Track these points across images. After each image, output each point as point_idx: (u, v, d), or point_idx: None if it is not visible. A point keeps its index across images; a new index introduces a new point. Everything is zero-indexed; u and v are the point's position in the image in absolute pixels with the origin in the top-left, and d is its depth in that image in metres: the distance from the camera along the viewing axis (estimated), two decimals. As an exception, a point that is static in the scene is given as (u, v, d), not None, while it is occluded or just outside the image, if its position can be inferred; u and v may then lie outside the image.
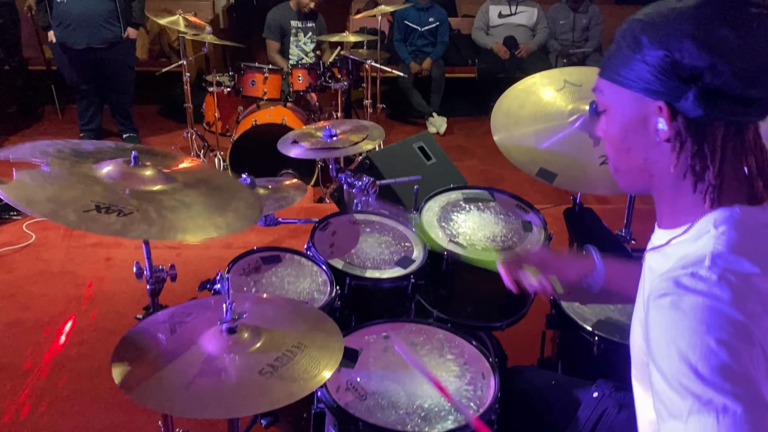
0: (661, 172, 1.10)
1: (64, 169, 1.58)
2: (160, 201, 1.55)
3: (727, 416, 0.88)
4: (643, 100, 1.05)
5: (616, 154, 1.15)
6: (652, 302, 0.99)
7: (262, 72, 4.93)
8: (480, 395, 1.69)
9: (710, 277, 0.94)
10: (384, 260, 2.10)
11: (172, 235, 1.46)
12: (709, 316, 0.92)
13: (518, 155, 2.28)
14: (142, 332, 1.55)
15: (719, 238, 1.01)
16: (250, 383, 1.34)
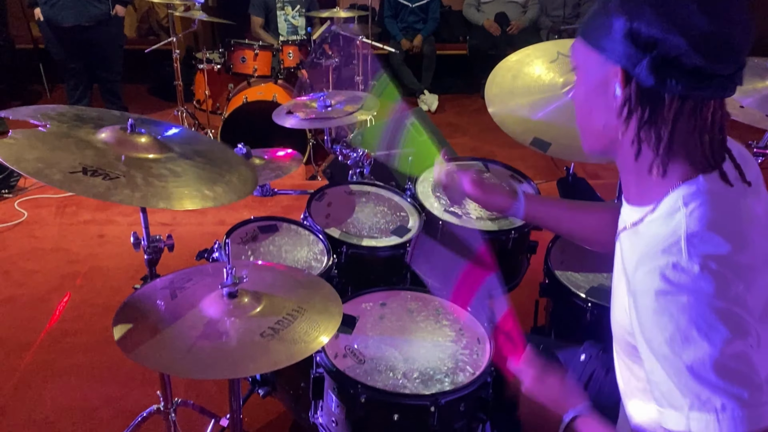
0: (618, 141, 1.11)
1: (62, 131, 1.57)
2: (150, 168, 1.55)
3: (726, 414, 0.92)
4: (606, 63, 1.06)
5: (580, 114, 1.17)
6: (640, 297, 1.01)
7: (252, 49, 4.90)
8: (476, 359, 1.72)
9: (692, 269, 0.96)
10: (380, 229, 2.12)
11: (154, 203, 1.45)
12: (701, 314, 0.94)
13: (512, 126, 2.29)
14: (142, 298, 1.56)
15: (691, 216, 1.02)
16: (251, 345, 1.35)
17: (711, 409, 0.93)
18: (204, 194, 1.54)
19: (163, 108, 5.90)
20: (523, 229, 2.18)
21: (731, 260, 0.97)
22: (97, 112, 1.76)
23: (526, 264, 2.36)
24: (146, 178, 1.51)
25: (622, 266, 1.15)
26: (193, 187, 1.56)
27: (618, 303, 1.17)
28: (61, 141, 1.53)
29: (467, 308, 1.83)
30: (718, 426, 0.92)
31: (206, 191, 1.55)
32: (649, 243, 1.04)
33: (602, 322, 1.98)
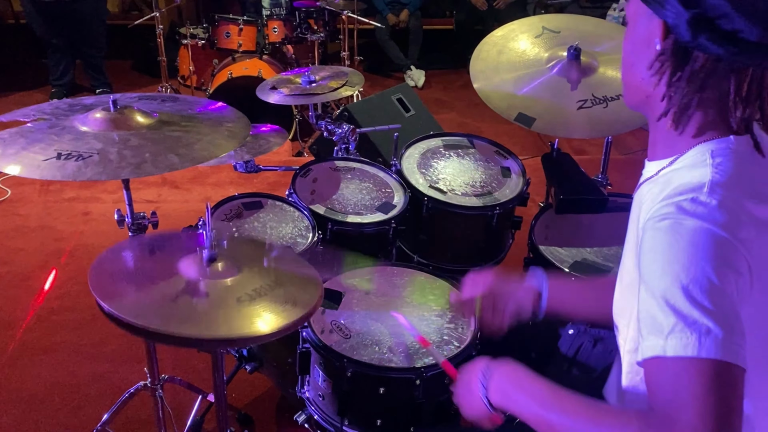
0: (655, 99, 1.12)
1: (50, 123, 1.57)
2: (126, 141, 1.55)
3: (709, 338, 0.90)
4: (652, 17, 1.08)
5: (624, 67, 1.19)
6: (651, 225, 1.01)
7: (237, 23, 4.85)
8: (460, 332, 1.74)
9: (710, 202, 0.98)
10: (365, 206, 2.12)
11: (125, 174, 1.47)
12: (705, 240, 0.95)
13: (497, 101, 2.29)
14: (122, 248, 1.56)
15: (717, 168, 1.03)
16: (228, 308, 1.35)
17: (695, 330, 0.91)
18: (173, 160, 1.52)
19: (148, 84, 5.84)
20: (508, 205, 2.19)
21: (750, 211, 0.99)
22: (95, 99, 1.76)
23: (510, 239, 2.38)
24: (121, 152, 1.51)
25: (637, 213, 1.14)
26: (163, 154, 1.53)
27: (629, 255, 1.16)
28: (42, 132, 1.55)
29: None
30: (698, 347, 0.90)
31: (178, 153, 1.54)
32: (672, 187, 1.05)
33: (586, 297, 2.02)
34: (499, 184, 2.25)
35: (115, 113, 1.61)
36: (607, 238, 2.18)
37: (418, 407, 1.64)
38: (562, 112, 2.22)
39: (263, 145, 1.96)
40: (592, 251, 2.12)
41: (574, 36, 2.39)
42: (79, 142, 1.52)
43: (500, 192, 2.22)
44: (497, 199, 2.19)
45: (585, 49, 2.28)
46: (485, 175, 2.27)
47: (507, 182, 2.26)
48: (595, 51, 2.35)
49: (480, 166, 2.31)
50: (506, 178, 2.28)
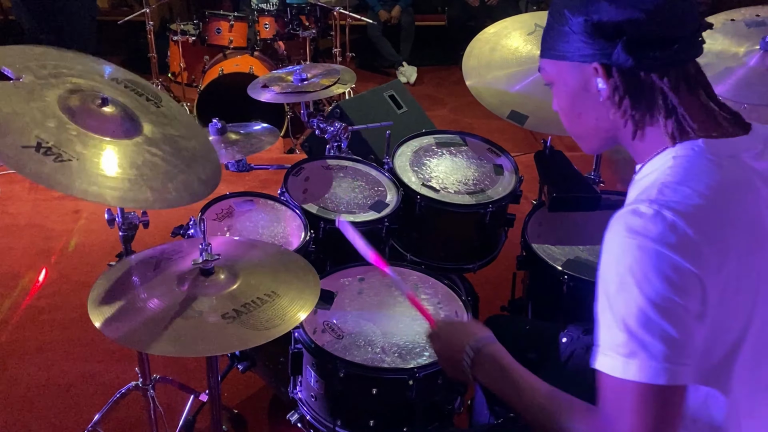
0: (616, 127, 1.14)
1: (35, 87, 1.45)
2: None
3: (646, 363, 0.95)
4: (580, 66, 1.11)
5: (571, 122, 1.21)
6: (606, 239, 1.03)
7: (227, 20, 4.82)
8: (454, 332, 1.73)
9: (646, 213, 0.98)
10: (358, 204, 2.11)
11: (92, 196, 1.33)
12: (642, 262, 0.95)
13: (490, 98, 2.28)
14: (126, 266, 1.55)
15: (672, 169, 1.05)
16: (212, 326, 1.35)
17: (630, 355, 0.96)
18: (149, 195, 1.43)
19: (138, 81, 5.80)
20: (501, 203, 2.19)
21: (698, 215, 0.97)
22: (82, 66, 1.68)
23: (503, 237, 2.37)
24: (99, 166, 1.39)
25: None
26: (139, 185, 1.42)
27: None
28: (27, 103, 1.41)
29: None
30: (629, 370, 0.96)
31: (152, 191, 1.45)
32: (637, 193, 1.08)
33: (579, 295, 2.02)
34: (491, 181, 2.24)
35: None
36: (600, 235, 2.15)
37: (411, 407, 1.64)
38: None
39: (255, 144, 1.94)
40: (585, 249, 2.12)
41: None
42: (61, 135, 1.42)
43: (493, 190, 2.21)
44: (490, 197, 2.18)
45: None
46: (478, 173, 2.27)
47: (500, 180, 2.26)
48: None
49: (473, 163, 2.31)
50: (499, 175, 2.27)
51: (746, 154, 1.08)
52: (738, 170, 1.06)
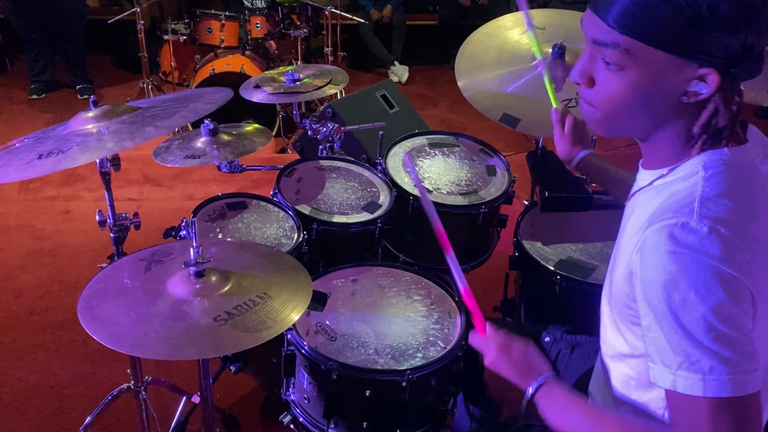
0: (664, 126, 1.09)
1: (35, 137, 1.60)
2: (107, 129, 1.55)
3: (712, 377, 0.95)
4: (684, 65, 1.01)
5: (619, 111, 1.09)
6: (647, 254, 1.02)
7: (218, 19, 4.81)
8: (447, 333, 1.73)
9: (701, 230, 0.97)
10: (351, 205, 2.11)
11: (100, 152, 1.49)
12: (702, 276, 0.95)
13: (482, 100, 2.28)
14: (117, 269, 1.55)
15: (708, 181, 1.03)
16: (204, 328, 1.35)
17: (699, 370, 0.95)
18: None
19: (129, 80, 5.77)
20: (494, 204, 2.19)
21: (741, 228, 0.99)
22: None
23: (496, 238, 2.37)
24: (100, 137, 1.50)
25: (633, 225, 1.14)
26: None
27: (620, 266, 1.16)
28: (29, 147, 1.54)
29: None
30: (703, 387, 0.95)
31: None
32: (663, 201, 1.06)
33: (571, 295, 2.02)
34: (484, 182, 2.24)
35: (99, 110, 1.59)
36: (591, 235, 2.18)
37: (404, 409, 1.63)
38: (547, 111, 2.21)
39: (247, 145, 1.93)
40: (577, 249, 2.12)
41: (559, 32, 2.38)
42: (60, 142, 1.50)
43: (486, 190, 2.21)
44: (483, 197, 2.18)
45: (570, 47, 2.28)
46: (471, 174, 2.27)
47: (492, 180, 2.26)
48: (581, 48, 2.35)
49: (465, 164, 2.31)
50: (492, 176, 2.27)
51: (756, 159, 1.09)
52: (757, 176, 1.08)
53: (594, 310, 2.02)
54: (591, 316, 2.03)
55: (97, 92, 5.61)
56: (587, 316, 2.05)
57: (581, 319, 2.06)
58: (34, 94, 5.44)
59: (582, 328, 2.01)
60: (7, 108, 5.30)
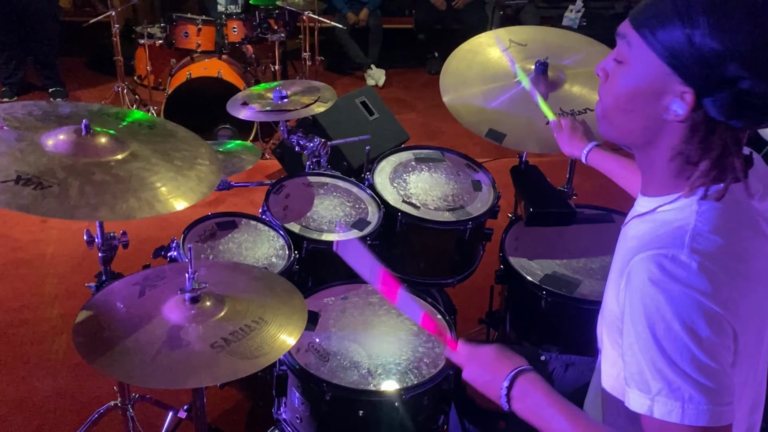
0: (655, 144, 1.09)
1: (19, 132, 1.52)
2: (91, 174, 1.51)
3: (692, 405, 0.96)
4: (670, 75, 1.00)
5: (615, 108, 1.11)
6: (634, 279, 1.03)
7: (195, 23, 4.76)
8: (438, 352, 1.76)
9: (690, 265, 0.98)
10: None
11: (81, 215, 1.41)
12: (687, 308, 0.97)
13: (467, 116, 2.31)
14: (110, 294, 1.54)
15: (702, 216, 1.04)
16: (201, 355, 1.35)
17: (678, 398, 0.96)
18: (133, 204, 1.48)
19: (102, 83, 5.70)
20: (480, 219, 2.22)
21: (730, 265, 1.00)
22: (69, 109, 1.70)
23: (481, 251, 2.40)
24: (83, 188, 1.46)
25: (625, 251, 1.14)
26: (122, 198, 1.48)
27: (610, 289, 1.17)
28: (10, 144, 1.49)
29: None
30: (681, 414, 0.96)
31: (134, 200, 1.49)
32: (655, 230, 1.07)
33: (557, 310, 2.06)
34: (470, 197, 2.27)
35: (87, 136, 1.57)
36: (575, 250, 2.22)
37: (397, 428, 1.66)
38: (532, 126, 2.25)
39: (236, 163, 1.93)
40: (562, 263, 2.16)
41: (541, 48, 2.42)
42: (42, 166, 1.48)
43: (472, 206, 2.24)
44: (469, 213, 2.21)
45: (552, 63, 2.31)
46: (457, 189, 2.29)
47: (478, 195, 2.29)
48: (562, 64, 2.39)
49: (451, 179, 2.33)
50: (477, 191, 2.30)
51: (755, 197, 1.11)
52: (751, 213, 1.10)
53: (579, 325, 2.08)
54: (576, 331, 2.09)
55: (71, 95, 5.53)
56: (572, 330, 2.10)
57: (567, 333, 2.12)
58: (5, 97, 5.34)
59: (568, 343, 2.05)
60: (-22, 110, 5.21)
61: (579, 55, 2.44)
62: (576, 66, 2.39)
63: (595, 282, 2.08)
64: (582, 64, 2.40)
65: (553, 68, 2.31)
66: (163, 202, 1.51)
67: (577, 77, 2.34)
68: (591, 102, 2.27)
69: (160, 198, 1.51)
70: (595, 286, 2.06)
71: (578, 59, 2.42)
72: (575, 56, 2.43)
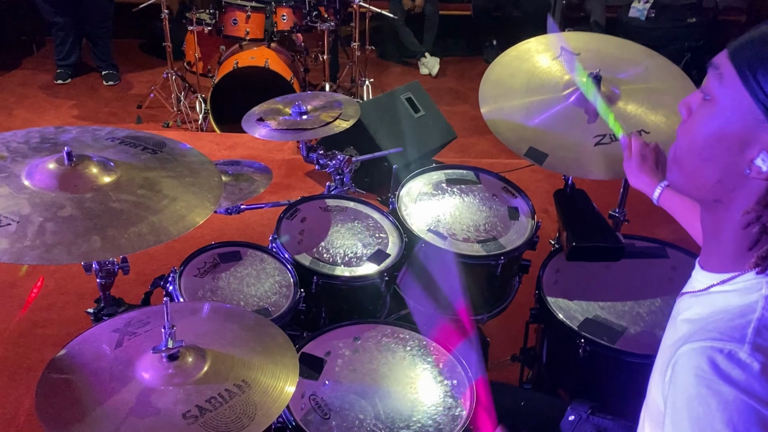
0: (728, 205, 0.94)
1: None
2: (60, 208, 1.37)
3: None
4: (763, 124, 0.87)
5: (690, 152, 0.97)
6: (679, 374, 0.87)
7: (244, 10, 4.64)
8: (454, 416, 1.56)
9: (751, 365, 0.82)
10: (356, 255, 1.93)
11: (27, 259, 1.27)
12: (743, 420, 0.80)
13: (506, 131, 2.09)
14: (86, 343, 1.41)
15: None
16: (170, 428, 1.20)
17: None
18: (91, 245, 1.33)
19: (154, 66, 5.67)
20: (513, 254, 2.00)
21: None
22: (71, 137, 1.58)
23: (517, 284, 2.18)
24: (43, 225, 1.32)
25: (674, 332, 1.00)
26: (82, 237, 1.33)
27: (656, 377, 1.01)
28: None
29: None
30: None
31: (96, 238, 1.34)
32: (712, 315, 0.92)
33: (595, 360, 1.84)
34: (505, 227, 2.05)
35: (69, 167, 1.44)
36: (622, 290, 1.99)
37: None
38: (577, 148, 2.02)
39: (245, 188, 1.77)
40: (605, 306, 1.93)
41: (595, 59, 2.17)
42: (10, 201, 1.35)
43: (506, 238, 2.02)
44: (502, 246, 1.99)
45: (605, 75, 2.06)
46: (490, 217, 2.07)
47: (514, 225, 2.06)
48: (617, 78, 2.14)
49: (485, 205, 2.11)
50: (513, 220, 2.08)
51: None
52: None
53: (620, 380, 1.85)
54: (616, 385, 1.87)
55: (123, 78, 5.52)
56: (612, 385, 1.88)
57: (605, 387, 1.90)
58: (59, 79, 5.38)
59: (606, 397, 1.84)
60: (33, 93, 5.25)
61: (637, 69, 2.17)
62: (633, 81, 2.13)
63: (641, 330, 1.85)
64: (640, 80, 2.14)
65: (606, 82, 2.06)
66: (143, 237, 1.35)
67: (633, 94, 2.08)
68: (647, 123, 2.02)
69: (139, 234, 1.35)
70: (640, 335, 1.83)
71: (636, 73, 2.16)
72: (633, 69, 2.17)
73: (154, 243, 1.31)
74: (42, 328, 2.85)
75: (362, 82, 4.88)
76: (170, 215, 1.39)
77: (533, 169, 3.73)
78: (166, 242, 1.31)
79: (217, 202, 1.47)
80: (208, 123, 4.67)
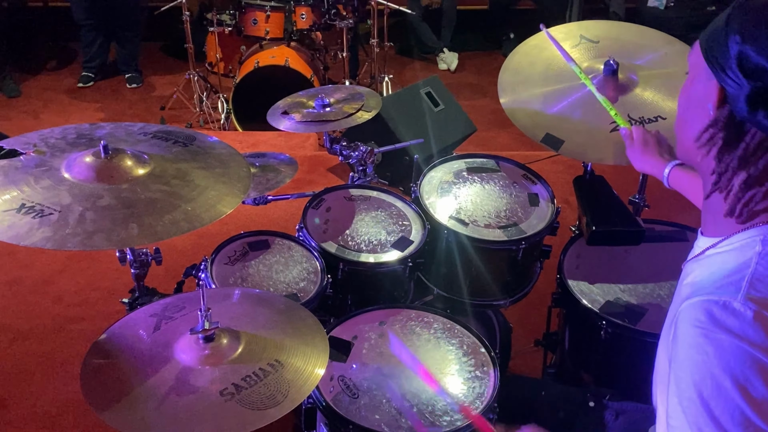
0: (702, 165, 1.04)
1: (38, 159, 1.50)
2: (98, 198, 1.44)
3: None
4: (711, 77, 0.98)
5: (678, 120, 1.10)
6: (680, 328, 0.93)
7: (264, 10, 4.70)
8: (479, 393, 1.61)
9: (744, 313, 0.87)
10: (380, 242, 1.98)
11: (71, 245, 1.33)
12: (739, 363, 0.86)
13: (523, 118, 2.13)
14: (125, 327, 1.47)
15: (764, 258, 0.93)
16: (209, 405, 1.26)
17: None
18: (124, 235, 1.39)
19: (176, 69, 5.75)
20: (534, 239, 2.03)
21: None
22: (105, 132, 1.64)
23: (538, 270, 2.22)
24: (84, 214, 1.39)
25: (679, 295, 1.07)
26: (121, 226, 1.39)
27: (663, 341, 1.09)
28: (26, 173, 1.44)
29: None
30: None
31: (129, 229, 1.41)
32: (711, 275, 0.97)
33: (617, 342, 1.87)
34: (525, 213, 2.09)
35: (105, 160, 1.50)
36: (643, 273, 2.02)
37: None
38: (594, 134, 2.05)
39: (272, 179, 1.83)
40: (626, 289, 1.97)
41: (614, 47, 2.20)
42: (50, 192, 1.42)
43: (527, 223, 2.05)
44: (523, 231, 2.03)
45: (624, 62, 2.09)
46: (511, 203, 2.11)
47: (534, 211, 2.10)
48: (635, 64, 2.16)
49: (506, 192, 2.14)
50: (534, 206, 2.11)
51: None
52: None
53: (641, 361, 1.88)
54: (638, 367, 1.89)
55: (146, 80, 5.61)
56: (634, 366, 1.91)
57: (628, 369, 1.93)
58: (81, 82, 5.48)
59: (629, 380, 1.87)
60: (57, 97, 5.35)
61: (655, 54, 2.19)
62: (651, 66, 2.15)
63: (663, 312, 1.87)
64: (658, 65, 2.16)
65: (624, 69, 2.09)
66: (177, 223, 1.42)
67: (651, 80, 2.10)
68: (664, 110, 2.04)
69: (173, 221, 1.42)
70: (662, 316, 1.85)
71: (654, 58, 2.18)
72: (651, 55, 2.19)
73: (188, 229, 1.38)
74: (75, 324, 2.93)
75: (381, 79, 4.92)
76: (202, 203, 1.45)
77: (554, 161, 3.76)
78: (194, 237, 1.37)
79: (247, 191, 1.53)
80: (230, 122, 4.74)
